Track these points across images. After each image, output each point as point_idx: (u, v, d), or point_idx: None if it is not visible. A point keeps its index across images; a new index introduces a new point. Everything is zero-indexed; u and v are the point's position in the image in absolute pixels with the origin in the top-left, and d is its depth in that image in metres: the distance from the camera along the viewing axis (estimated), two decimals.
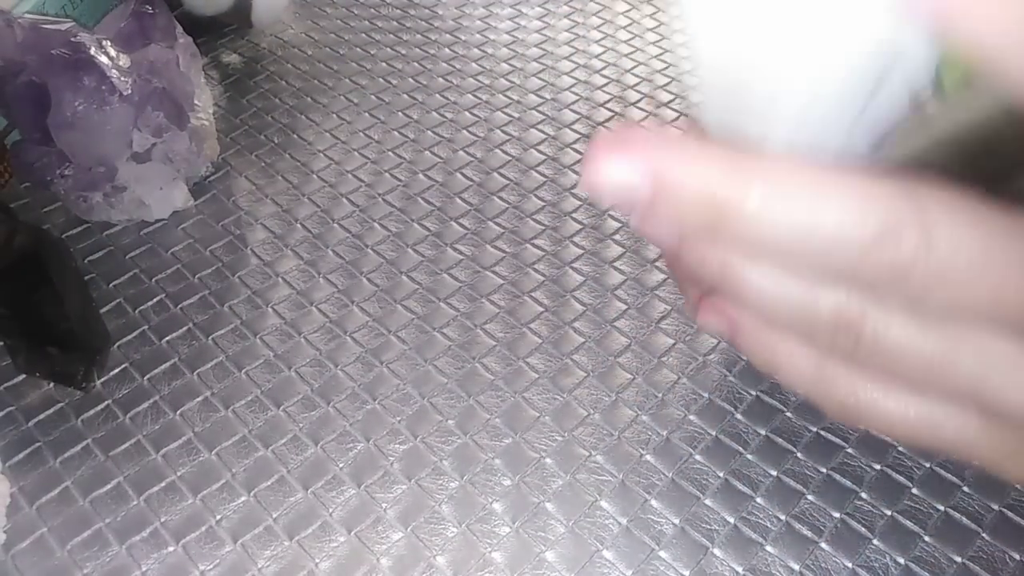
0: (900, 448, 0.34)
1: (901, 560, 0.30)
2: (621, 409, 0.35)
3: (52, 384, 0.36)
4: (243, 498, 0.33)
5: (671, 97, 0.52)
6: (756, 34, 0.14)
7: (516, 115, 0.51)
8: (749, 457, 0.34)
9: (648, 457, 0.34)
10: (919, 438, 0.16)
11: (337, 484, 0.33)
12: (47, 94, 0.38)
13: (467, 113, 0.51)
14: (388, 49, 0.56)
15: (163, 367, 0.37)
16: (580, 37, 0.57)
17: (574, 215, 0.44)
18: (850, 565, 0.30)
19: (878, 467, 0.33)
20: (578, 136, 0.49)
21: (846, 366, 0.16)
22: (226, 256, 0.42)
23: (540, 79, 0.53)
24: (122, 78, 0.39)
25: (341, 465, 0.34)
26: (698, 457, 0.34)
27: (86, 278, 0.40)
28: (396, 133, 0.49)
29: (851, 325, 0.15)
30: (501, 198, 0.45)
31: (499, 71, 0.54)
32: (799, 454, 0.34)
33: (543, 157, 0.48)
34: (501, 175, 0.47)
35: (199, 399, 0.36)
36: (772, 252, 0.14)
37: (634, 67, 0.54)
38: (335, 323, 0.39)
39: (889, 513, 0.32)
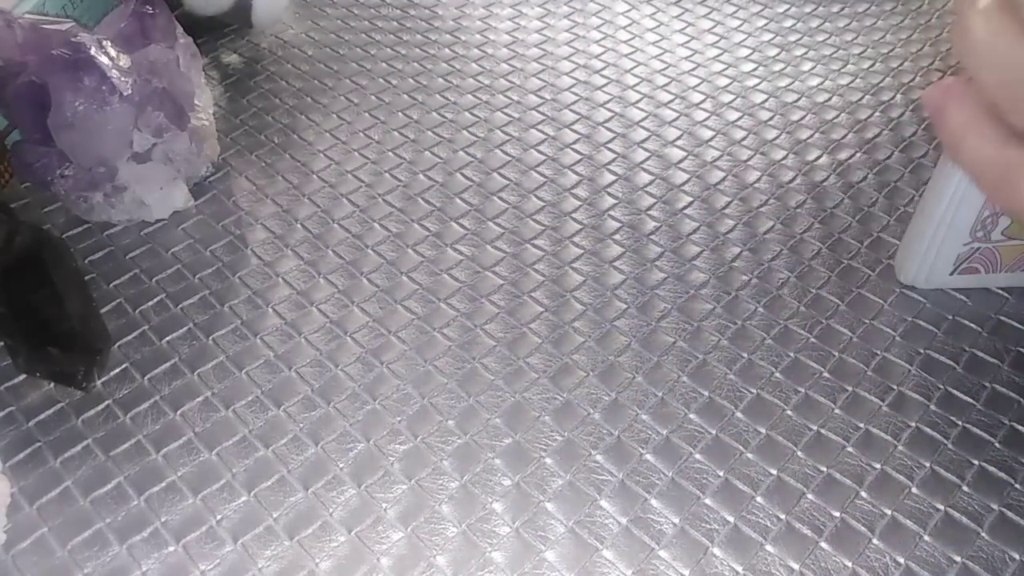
0: (900, 447, 0.34)
1: (901, 560, 0.31)
2: (621, 409, 0.35)
3: (52, 384, 0.36)
4: (243, 498, 0.33)
5: (671, 97, 0.52)
6: None
7: (516, 115, 0.51)
8: (749, 456, 0.34)
9: (648, 456, 0.34)
10: None
11: (337, 484, 0.33)
12: (47, 94, 0.38)
13: (467, 113, 0.51)
14: (388, 49, 0.56)
15: (163, 367, 0.37)
16: (580, 37, 0.57)
17: (574, 215, 0.44)
18: (850, 564, 0.30)
19: (878, 466, 0.33)
20: (578, 136, 0.49)
21: None
22: (226, 256, 0.42)
23: (540, 79, 0.53)
24: (122, 78, 0.39)
25: (341, 465, 0.34)
26: (698, 456, 0.34)
27: (86, 278, 0.40)
28: (396, 133, 0.49)
29: None
30: (501, 198, 0.45)
31: (499, 71, 0.54)
32: (799, 453, 0.34)
33: (543, 157, 0.48)
34: (501, 175, 0.47)
35: (199, 399, 0.36)
36: None
37: (634, 67, 0.54)
38: (335, 323, 0.39)
39: (889, 512, 0.32)
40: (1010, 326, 0.38)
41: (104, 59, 0.39)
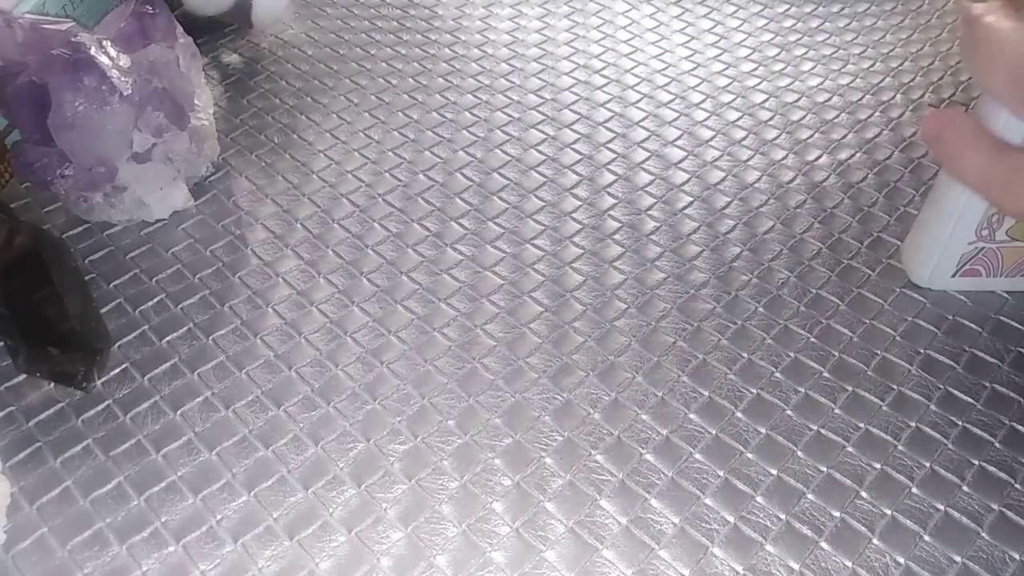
0: (900, 447, 0.34)
1: (901, 560, 0.31)
2: (621, 408, 0.35)
3: (52, 384, 0.36)
4: (243, 498, 0.33)
5: (671, 97, 0.52)
6: None
7: (516, 115, 0.51)
8: (749, 456, 0.34)
9: (648, 456, 0.34)
10: None
11: (337, 484, 0.33)
12: (47, 94, 0.38)
13: (467, 113, 0.51)
14: (388, 49, 0.56)
15: (163, 367, 0.37)
16: (580, 37, 0.57)
17: (574, 215, 0.44)
18: (850, 564, 0.30)
19: (878, 466, 0.33)
20: (578, 136, 0.49)
21: None
22: (226, 256, 0.42)
23: (540, 79, 0.53)
24: (122, 78, 0.39)
25: (341, 465, 0.34)
26: (698, 456, 0.34)
27: (87, 278, 0.40)
28: (396, 133, 0.49)
29: None
30: (501, 198, 0.45)
31: (499, 71, 0.54)
32: (799, 452, 0.34)
33: (543, 157, 0.48)
34: (501, 175, 0.47)
35: (199, 399, 0.36)
36: None
37: (634, 67, 0.54)
38: (335, 323, 0.39)
39: (889, 512, 0.32)
40: (1010, 326, 0.38)
41: (104, 59, 0.39)
